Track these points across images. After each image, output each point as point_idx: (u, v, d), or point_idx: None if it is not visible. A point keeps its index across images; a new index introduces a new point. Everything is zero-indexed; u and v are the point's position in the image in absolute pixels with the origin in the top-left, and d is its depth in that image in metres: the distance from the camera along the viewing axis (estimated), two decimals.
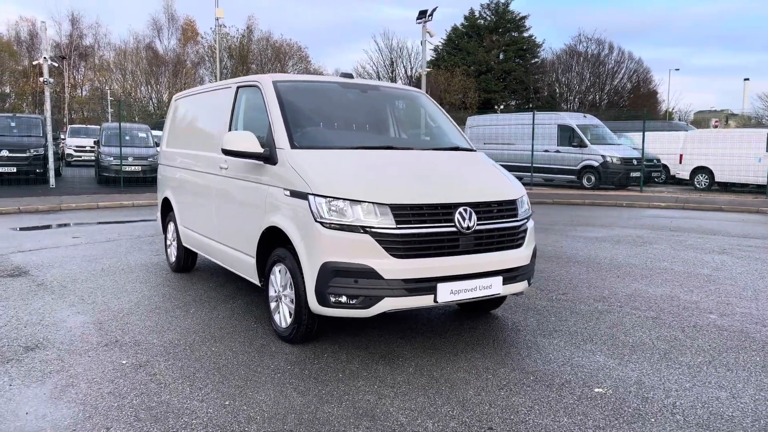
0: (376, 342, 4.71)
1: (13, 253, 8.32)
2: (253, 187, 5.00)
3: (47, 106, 17.75)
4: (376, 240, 4.09)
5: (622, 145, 21.65)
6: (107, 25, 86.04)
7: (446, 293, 4.24)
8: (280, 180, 4.61)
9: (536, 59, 56.50)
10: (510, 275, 4.57)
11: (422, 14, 20.14)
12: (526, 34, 55.85)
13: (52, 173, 17.35)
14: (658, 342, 4.80)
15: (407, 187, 4.35)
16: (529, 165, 20.76)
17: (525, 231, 4.76)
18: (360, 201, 4.15)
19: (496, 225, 4.51)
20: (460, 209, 4.32)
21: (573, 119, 21.55)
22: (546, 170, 21.61)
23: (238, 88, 5.62)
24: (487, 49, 55.05)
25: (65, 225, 11.47)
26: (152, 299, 5.93)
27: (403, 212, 4.16)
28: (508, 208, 4.65)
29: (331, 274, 4.12)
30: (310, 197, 4.24)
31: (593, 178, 20.50)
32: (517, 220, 4.69)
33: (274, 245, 4.78)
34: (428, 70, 21.19)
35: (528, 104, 53.59)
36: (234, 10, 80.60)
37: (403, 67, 59.86)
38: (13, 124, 18.82)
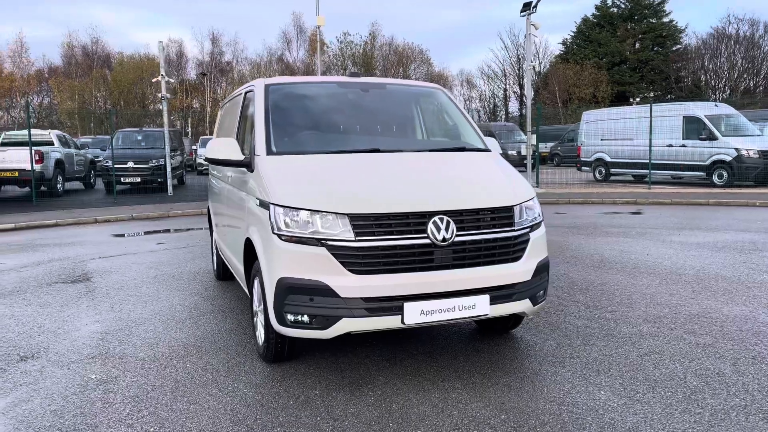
0: (357, 364, 4.31)
1: (93, 259, 8.86)
2: (239, 196, 4.82)
3: (165, 119, 19.05)
4: (333, 254, 3.70)
5: (763, 137, 19.07)
6: (244, 41, 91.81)
7: (415, 314, 3.74)
8: (254, 188, 4.37)
9: (678, 46, 52.10)
10: (501, 293, 3.96)
11: (526, 6, 19.10)
12: (665, 20, 51.67)
13: (169, 182, 18.57)
14: (691, 378, 3.94)
15: (375, 195, 3.91)
16: (652, 161, 18.94)
17: (525, 242, 4.12)
18: (318, 211, 3.78)
19: (483, 236, 3.93)
20: (435, 218, 3.80)
21: (701, 109, 19.33)
22: (671, 167, 19.59)
23: (245, 93, 5.48)
24: (620, 38, 51.71)
25: (161, 231, 12.11)
26: (174, 309, 5.95)
27: (364, 223, 3.73)
28: (501, 216, 4.04)
29: (286, 291, 3.79)
30: (271, 207, 3.95)
31: (725, 174, 18.25)
32: (513, 230, 4.06)
33: (255, 257, 4.55)
34: (533, 64, 20.07)
35: (668, 95, 49.52)
36: (359, 18, 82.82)
37: (531, 62, 57.84)
38: (139, 137, 20.43)
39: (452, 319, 3.84)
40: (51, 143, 18.69)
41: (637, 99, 50.32)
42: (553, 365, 4.22)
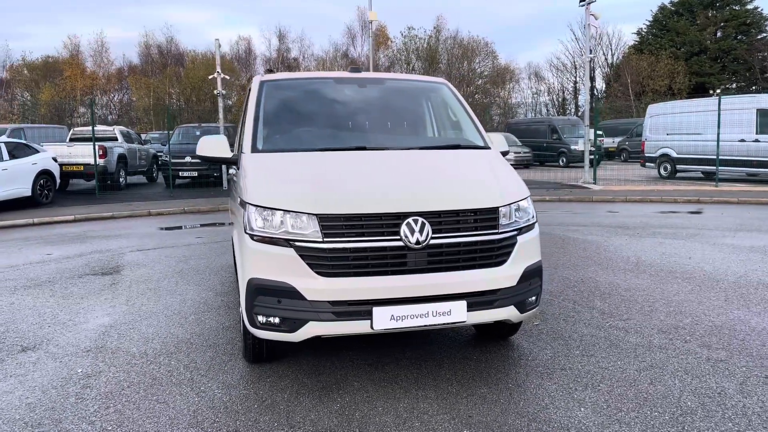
0: (337, 367, 4.20)
1: (132, 252, 9.14)
2: (233, 194, 4.81)
3: (221, 115, 19.52)
4: (300, 255, 3.61)
5: None
6: (310, 38, 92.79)
7: (385, 319, 3.59)
8: (238, 186, 4.33)
9: (763, 34, 48.85)
10: (480, 300, 3.75)
11: None
12: (749, 6, 48.57)
13: (224, 176, 19.01)
14: (687, 397, 3.61)
15: (349, 195, 3.78)
16: (722, 157, 17.82)
17: (511, 246, 3.89)
18: (289, 211, 3.69)
19: (462, 239, 3.74)
20: (409, 220, 3.64)
21: None
22: (744, 163, 18.38)
23: (248, 89, 5.45)
24: (700, 27, 49.04)
25: (205, 225, 12.39)
26: (184, 303, 6.02)
27: (333, 223, 3.61)
28: (484, 218, 3.83)
29: (256, 292, 3.72)
30: (245, 206, 3.90)
31: None
32: (497, 233, 3.84)
33: None
34: (593, 55, 19.25)
35: (752, 87, 46.60)
36: (424, 12, 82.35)
37: (603, 54, 55.89)
38: (198, 133, 21.00)
39: (425, 326, 3.66)
40: (115, 139, 19.52)
41: (718, 91, 47.70)
42: (539, 377, 3.97)
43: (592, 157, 19.12)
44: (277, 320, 3.67)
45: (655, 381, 3.85)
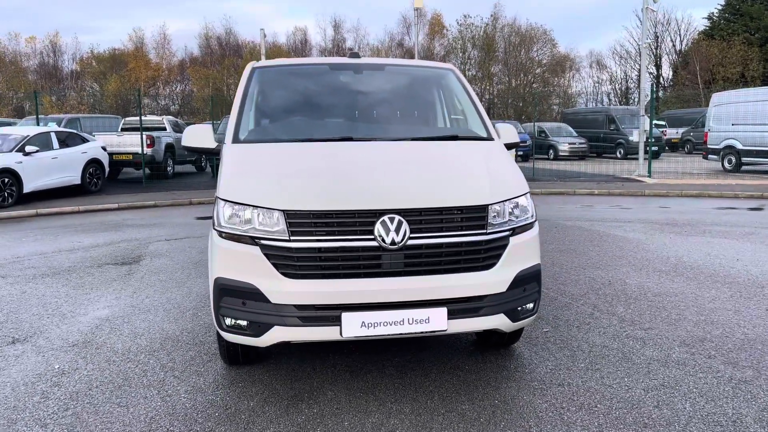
0: (315, 374, 3.94)
1: (159, 241, 9.14)
2: None
3: None
4: (265, 254, 3.35)
5: None
6: (366, 27, 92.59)
7: (354, 326, 3.29)
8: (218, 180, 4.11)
9: None
10: (463, 307, 3.40)
11: None
12: None
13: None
14: (696, 424, 3.16)
15: (322, 189, 3.48)
16: None
17: (501, 247, 3.51)
18: (256, 206, 3.43)
19: (444, 239, 3.39)
20: (384, 218, 3.31)
21: None
22: None
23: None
24: None
25: None
26: (187, 298, 5.88)
27: (301, 221, 3.33)
28: (470, 216, 3.46)
29: (221, 292, 3.49)
30: (216, 200, 3.67)
31: None
32: (485, 233, 3.47)
33: None
34: (649, 41, 18.19)
35: None
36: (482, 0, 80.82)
37: (671, 40, 53.40)
38: None
39: (401, 334, 3.35)
40: (163, 128, 19.85)
41: None
42: (531, 393, 3.59)
43: (655, 148, 18.11)
44: (244, 323, 3.43)
45: (662, 403, 3.41)
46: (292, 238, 3.32)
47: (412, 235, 3.34)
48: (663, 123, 34.26)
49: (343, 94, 4.68)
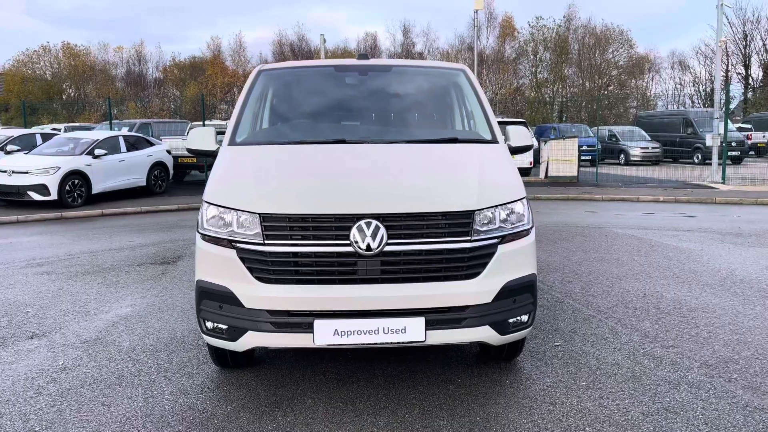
0: (301, 380, 3.86)
1: None
2: None
3: None
4: (240, 258, 3.31)
5: None
6: (436, 31, 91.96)
7: (327, 333, 3.20)
8: None
9: None
10: (442, 317, 3.24)
11: None
12: None
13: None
14: None
15: (299, 192, 3.42)
16: None
17: (487, 256, 3.32)
18: (235, 209, 3.40)
19: (425, 246, 3.24)
20: (361, 223, 3.20)
21: None
22: None
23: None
24: None
25: None
26: None
27: (277, 224, 3.27)
28: (454, 222, 3.30)
29: (201, 295, 3.48)
30: (202, 203, 3.67)
31: None
32: (468, 240, 3.29)
33: None
34: (724, 38, 17.13)
35: None
36: (554, 1, 78.78)
37: (761, 38, 50.27)
38: None
39: (375, 344, 3.22)
40: None
41: None
42: (518, 411, 3.37)
43: (736, 153, 17.02)
44: (223, 326, 3.40)
45: (657, 430, 3.11)
46: (266, 242, 3.26)
47: (390, 241, 3.21)
48: (749, 126, 32.23)
49: (342, 96, 4.60)
